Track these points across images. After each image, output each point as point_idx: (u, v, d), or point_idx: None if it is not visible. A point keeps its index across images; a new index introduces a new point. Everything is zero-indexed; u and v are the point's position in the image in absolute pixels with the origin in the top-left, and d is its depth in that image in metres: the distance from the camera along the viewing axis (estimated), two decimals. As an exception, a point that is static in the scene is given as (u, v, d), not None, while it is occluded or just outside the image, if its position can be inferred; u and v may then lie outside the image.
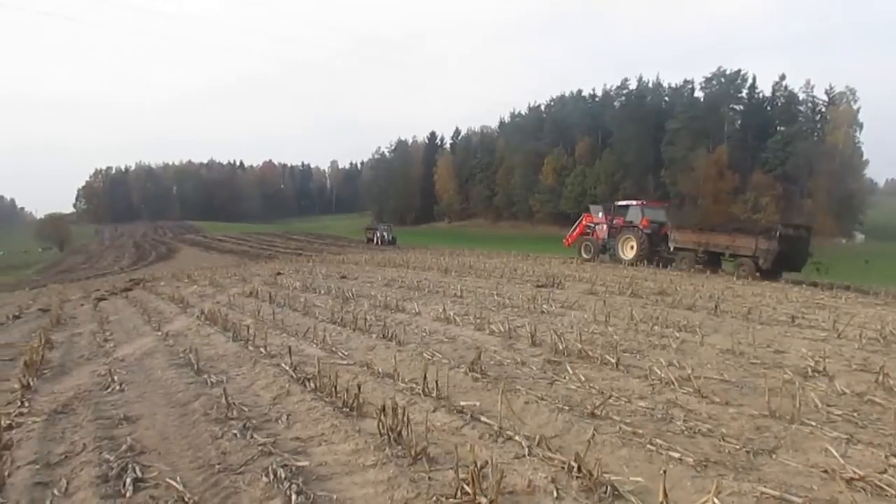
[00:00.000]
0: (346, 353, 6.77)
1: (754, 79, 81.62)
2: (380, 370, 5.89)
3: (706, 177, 74.36)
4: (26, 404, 5.44)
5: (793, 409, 4.23)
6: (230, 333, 8.32)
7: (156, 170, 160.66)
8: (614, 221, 24.33)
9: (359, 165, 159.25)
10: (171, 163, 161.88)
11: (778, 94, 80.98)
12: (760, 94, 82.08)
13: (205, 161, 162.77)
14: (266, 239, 67.31)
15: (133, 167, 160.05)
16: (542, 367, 5.87)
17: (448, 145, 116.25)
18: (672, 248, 21.37)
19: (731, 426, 4.17)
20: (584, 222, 26.61)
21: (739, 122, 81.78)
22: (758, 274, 18.32)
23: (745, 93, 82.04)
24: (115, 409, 5.18)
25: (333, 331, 8.09)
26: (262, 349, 7.04)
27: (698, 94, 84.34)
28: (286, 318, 9.56)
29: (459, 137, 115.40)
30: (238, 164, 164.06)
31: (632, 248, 22.68)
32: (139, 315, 11.57)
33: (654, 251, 22.13)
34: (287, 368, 5.97)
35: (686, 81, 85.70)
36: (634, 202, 24.88)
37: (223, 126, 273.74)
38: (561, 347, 6.48)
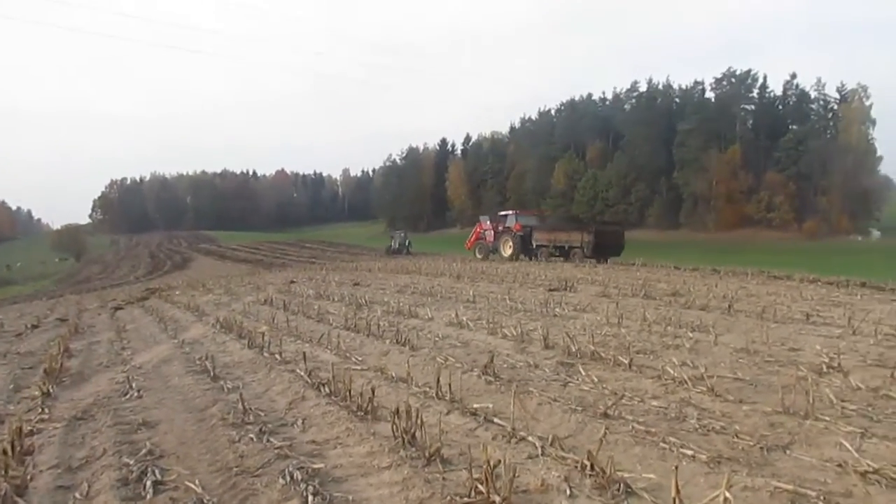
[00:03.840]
0: (359, 359, 6.82)
1: (765, 78, 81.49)
2: (393, 374, 5.92)
3: (719, 177, 74.15)
4: (47, 411, 5.55)
5: (807, 406, 4.21)
6: (245, 340, 8.39)
7: (170, 180, 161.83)
8: (498, 227, 29.86)
9: (371, 173, 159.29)
10: (185, 173, 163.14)
11: (789, 92, 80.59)
12: (772, 94, 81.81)
13: (218, 171, 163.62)
14: (279, 247, 67.86)
15: (148, 178, 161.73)
16: (554, 370, 5.87)
17: (459, 151, 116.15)
18: (535, 245, 27.22)
19: (744, 423, 4.16)
20: (478, 230, 31.68)
21: (751, 121, 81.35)
22: (589, 259, 24.48)
23: (756, 92, 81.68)
24: (133, 414, 5.26)
25: (347, 337, 8.14)
26: (277, 356, 7.10)
27: (709, 94, 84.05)
28: (300, 325, 9.63)
29: (471, 143, 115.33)
30: (251, 173, 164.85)
31: (509, 247, 28.10)
32: (156, 323, 11.72)
33: (526, 249, 27.58)
34: (302, 374, 6.02)
35: (697, 82, 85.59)
36: (510, 212, 31.28)
37: (236, 136, 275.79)
38: (574, 349, 6.47)
